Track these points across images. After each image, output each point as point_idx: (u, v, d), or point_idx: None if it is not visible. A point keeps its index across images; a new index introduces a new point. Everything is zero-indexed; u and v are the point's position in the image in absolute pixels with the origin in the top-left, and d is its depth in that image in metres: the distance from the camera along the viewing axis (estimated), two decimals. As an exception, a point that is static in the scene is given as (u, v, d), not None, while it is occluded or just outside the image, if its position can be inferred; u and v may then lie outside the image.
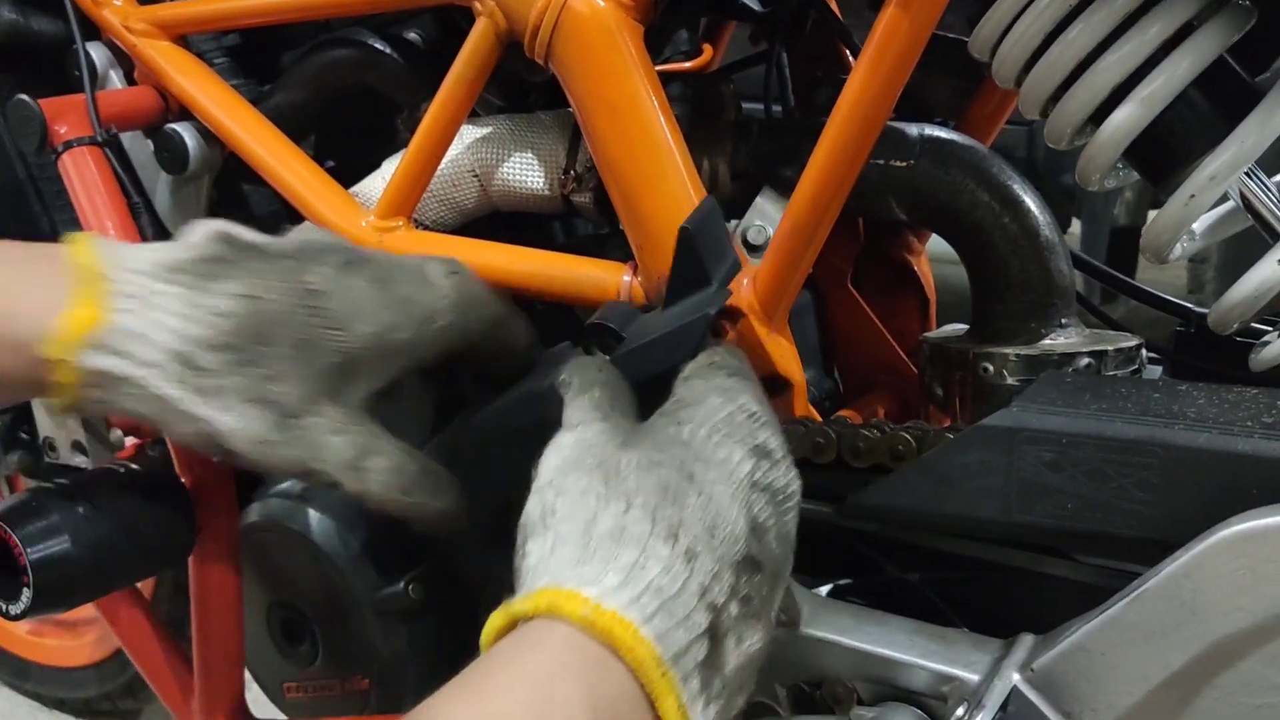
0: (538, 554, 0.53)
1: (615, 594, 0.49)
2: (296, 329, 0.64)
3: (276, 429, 0.63)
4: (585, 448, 0.56)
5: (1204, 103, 0.67)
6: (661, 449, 0.56)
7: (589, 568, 0.51)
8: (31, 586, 0.71)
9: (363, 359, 0.66)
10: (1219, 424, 0.58)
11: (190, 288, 0.63)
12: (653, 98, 0.78)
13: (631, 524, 0.52)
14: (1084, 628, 0.58)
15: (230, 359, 0.62)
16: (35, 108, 0.94)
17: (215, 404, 0.62)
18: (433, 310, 0.68)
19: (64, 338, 0.60)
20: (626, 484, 0.54)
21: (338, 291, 0.66)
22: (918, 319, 1.02)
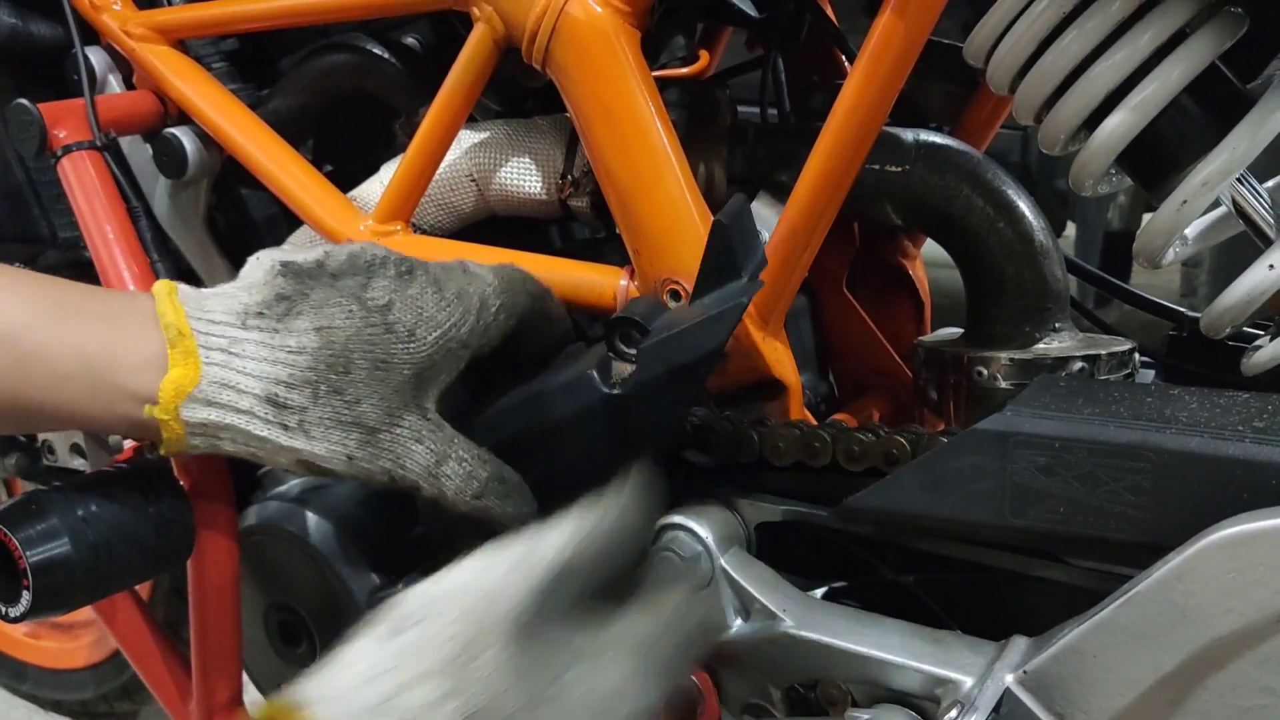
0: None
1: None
2: (370, 349, 0.67)
3: (362, 445, 0.67)
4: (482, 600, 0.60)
5: (1196, 109, 0.68)
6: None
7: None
8: (31, 589, 0.71)
9: (435, 362, 0.69)
10: (1210, 428, 0.58)
11: (267, 330, 0.66)
12: (649, 103, 0.78)
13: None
14: (1076, 630, 0.59)
15: (312, 392, 0.66)
16: (34, 112, 0.94)
17: (306, 436, 0.66)
18: (484, 298, 0.71)
19: (166, 400, 0.64)
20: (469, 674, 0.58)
21: (399, 302, 0.68)
22: (913, 323, 1.03)
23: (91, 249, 0.94)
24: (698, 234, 0.78)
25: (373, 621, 0.62)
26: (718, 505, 0.74)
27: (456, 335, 0.69)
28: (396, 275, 0.70)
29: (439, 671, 0.58)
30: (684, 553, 0.72)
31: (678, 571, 0.72)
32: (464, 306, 0.70)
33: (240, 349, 0.65)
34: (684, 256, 0.78)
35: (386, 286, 0.69)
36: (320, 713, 0.57)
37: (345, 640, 0.61)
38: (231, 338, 0.65)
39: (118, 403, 0.65)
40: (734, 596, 0.72)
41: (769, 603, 0.71)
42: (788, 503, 0.74)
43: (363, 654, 0.60)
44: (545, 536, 0.65)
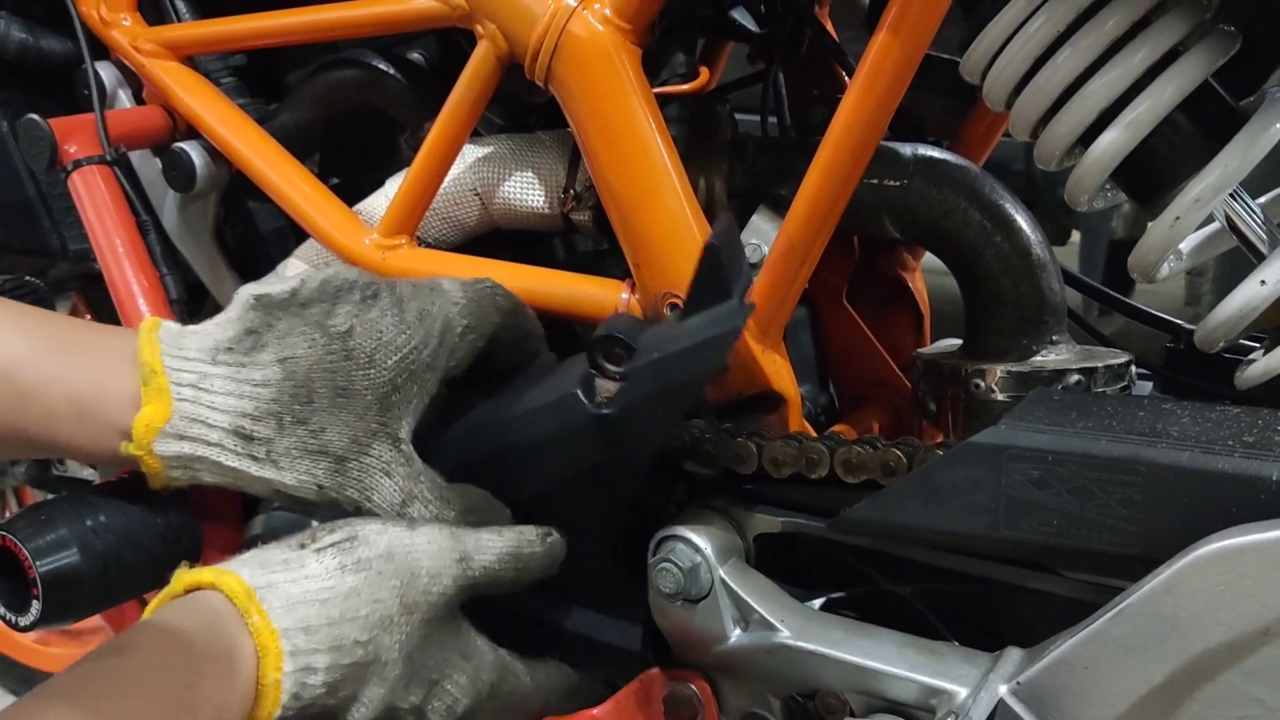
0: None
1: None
2: (332, 378, 0.69)
3: (331, 474, 0.69)
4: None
5: (1189, 126, 0.69)
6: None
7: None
8: (40, 599, 0.72)
9: (398, 387, 0.70)
10: (1201, 443, 0.59)
11: (234, 364, 0.69)
12: (650, 120, 0.79)
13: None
14: (1068, 642, 0.60)
15: (277, 423, 0.68)
16: (45, 127, 0.95)
17: (275, 466, 0.69)
18: (449, 319, 0.72)
19: (139, 436, 0.68)
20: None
21: (359, 327, 0.70)
22: (912, 334, 1.03)
23: (101, 262, 0.95)
24: (697, 248, 0.79)
25: (327, 538, 0.66)
26: (716, 516, 0.75)
27: (417, 359, 0.70)
28: (360, 300, 0.71)
29: (362, 623, 0.63)
30: (683, 563, 0.72)
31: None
32: (425, 329, 0.71)
33: (209, 384, 0.68)
34: (684, 270, 0.79)
35: (349, 312, 0.71)
36: (267, 601, 0.61)
37: (294, 539, 0.66)
38: (201, 373, 0.68)
39: (103, 438, 0.68)
40: (733, 607, 0.73)
41: (767, 613, 0.71)
42: (786, 514, 0.75)
43: (317, 574, 0.64)
44: (492, 541, 0.70)
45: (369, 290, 0.72)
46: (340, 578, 0.64)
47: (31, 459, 1.14)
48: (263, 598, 0.62)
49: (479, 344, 0.75)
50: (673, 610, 0.74)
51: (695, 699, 0.76)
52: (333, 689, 0.63)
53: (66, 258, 1.07)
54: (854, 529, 0.71)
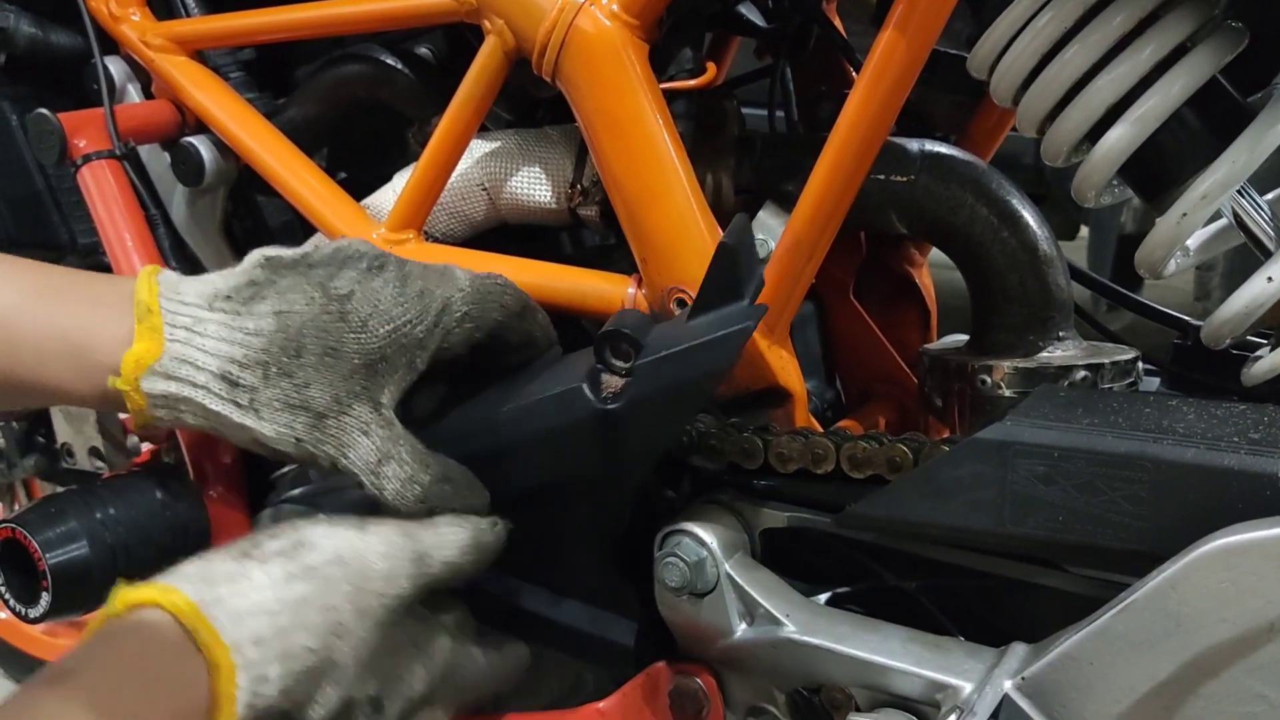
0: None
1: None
2: (324, 337, 0.69)
3: (309, 429, 0.69)
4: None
5: (1197, 122, 0.69)
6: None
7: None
8: (50, 591, 0.73)
9: (386, 357, 0.70)
10: (1207, 439, 0.59)
11: (231, 313, 0.70)
12: (657, 115, 0.79)
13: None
14: (1073, 638, 0.60)
15: (265, 373, 0.68)
16: (54, 121, 0.96)
17: (256, 415, 0.68)
18: (449, 301, 0.72)
19: (128, 371, 0.68)
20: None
21: (360, 293, 0.71)
22: (918, 330, 1.03)
23: (110, 256, 0.96)
24: (704, 244, 0.79)
25: (271, 544, 0.66)
26: (722, 511, 0.75)
27: (410, 332, 0.71)
28: (367, 268, 0.72)
29: (313, 630, 0.63)
30: (689, 558, 0.72)
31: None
32: (422, 306, 0.71)
33: (202, 328, 0.69)
34: (691, 266, 0.79)
35: (353, 277, 0.71)
36: (215, 617, 0.60)
37: (236, 548, 0.66)
38: (196, 317, 0.69)
39: (93, 377, 0.68)
40: (738, 601, 0.73)
41: (772, 608, 0.72)
42: (792, 509, 0.75)
43: (263, 585, 0.63)
44: (454, 534, 0.70)
45: (377, 261, 0.73)
46: (288, 587, 0.64)
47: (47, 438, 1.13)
48: (209, 614, 0.61)
49: (477, 335, 0.74)
50: (678, 604, 0.74)
51: (701, 693, 0.76)
52: (287, 694, 0.62)
53: (75, 251, 1.07)
54: (859, 524, 0.71)
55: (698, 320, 0.70)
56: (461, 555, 0.70)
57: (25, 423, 1.22)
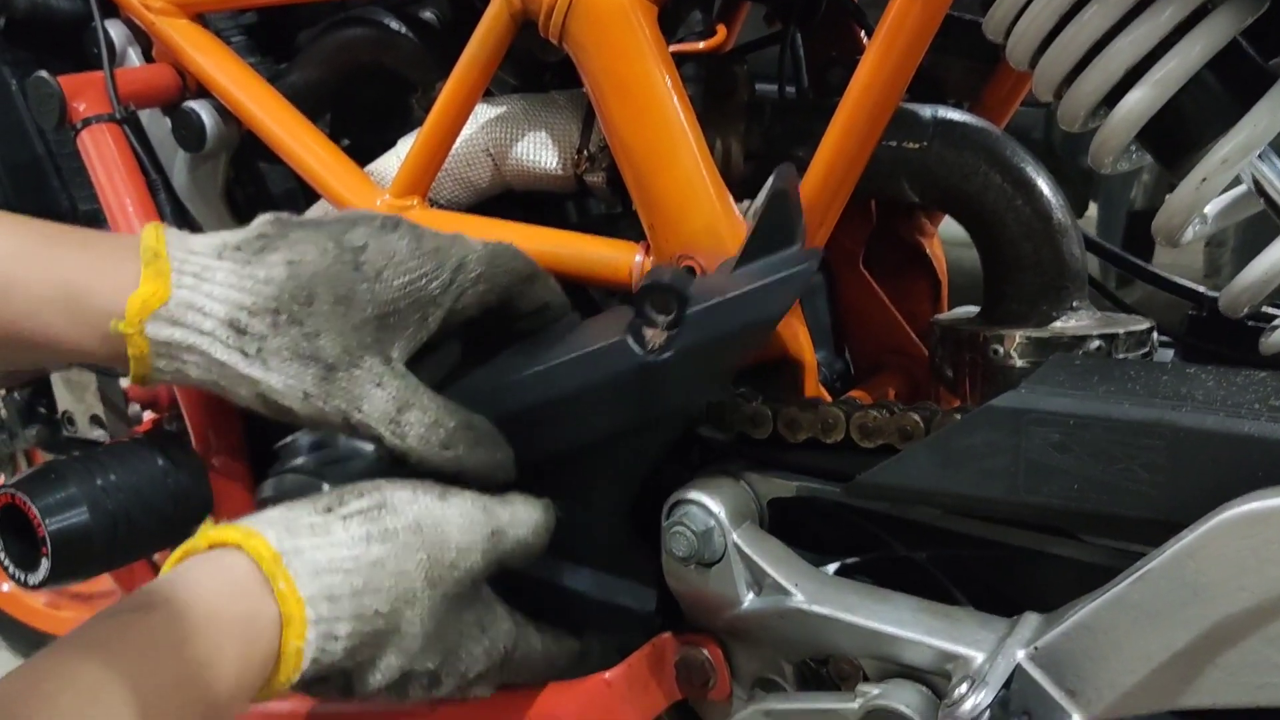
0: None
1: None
2: (335, 285, 0.68)
3: (319, 382, 0.67)
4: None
5: (1217, 86, 0.67)
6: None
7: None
8: (50, 557, 0.72)
9: (399, 310, 0.69)
10: (1226, 406, 0.58)
11: (241, 262, 0.68)
12: (666, 78, 0.78)
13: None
14: (1088, 607, 0.59)
15: (273, 321, 0.67)
16: (54, 85, 0.94)
17: (264, 365, 0.67)
18: (464, 260, 0.71)
19: (132, 313, 0.66)
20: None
21: (375, 245, 0.69)
22: (929, 301, 1.02)
23: (110, 221, 0.95)
24: (713, 209, 0.78)
25: (355, 503, 0.65)
26: (730, 480, 0.75)
27: (425, 287, 0.69)
28: (380, 226, 0.71)
29: (385, 595, 0.63)
30: (696, 527, 0.72)
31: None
32: (438, 261, 0.70)
33: (211, 275, 0.67)
34: (700, 232, 0.78)
35: (367, 232, 0.70)
36: (294, 568, 0.61)
37: (320, 501, 0.66)
38: (205, 265, 0.67)
39: (94, 324, 0.66)
40: (746, 571, 0.72)
41: (781, 578, 0.71)
42: (801, 478, 0.74)
43: (343, 542, 0.63)
44: (529, 514, 0.70)
45: (390, 220, 0.72)
46: (366, 547, 0.63)
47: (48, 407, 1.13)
48: (288, 563, 0.61)
49: (490, 297, 0.73)
50: (686, 574, 0.73)
51: (708, 664, 0.76)
52: (351, 654, 0.63)
53: (76, 218, 1.06)
54: (870, 493, 0.70)
55: (747, 268, 0.68)
56: (535, 535, 0.70)
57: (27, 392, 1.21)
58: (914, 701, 0.65)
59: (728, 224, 0.79)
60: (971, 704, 0.59)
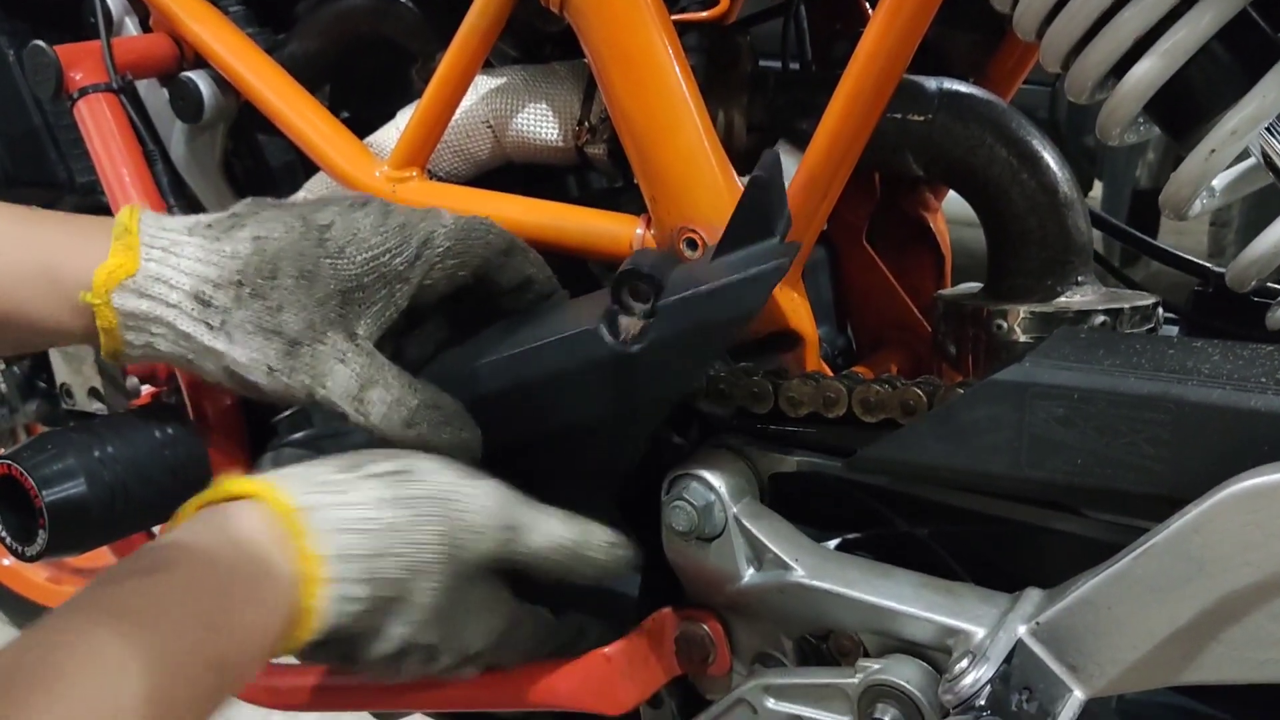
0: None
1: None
2: (299, 260, 0.68)
3: (282, 357, 0.68)
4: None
5: (1227, 56, 0.66)
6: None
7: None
8: (47, 528, 0.72)
9: (364, 285, 0.69)
10: (1232, 380, 0.57)
11: (211, 238, 0.69)
12: (668, 48, 0.77)
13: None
14: (1091, 582, 0.58)
15: (238, 294, 0.67)
16: (51, 54, 0.94)
17: (228, 338, 0.67)
18: (430, 234, 0.71)
19: (99, 284, 0.67)
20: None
21: (340, 223, 0.70)
22: (932, 276, 1.01)
23: (108, 191, 0.94)
24: (716, 182, 0.77)
25: (382, 464, 0.66)
26: (731, 455, 0.74)
27: (389, 263, 0.70)
28: (350, 205, 0.72)
29: (398, 561, 0.63)
30: (697, 502, 0.71)
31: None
32: (403, 237, 0.70)
33: (180, 249, 0.68)
34: (702, 204, 0.77)
35: (335, 211, 0.71)
36: (313, 524, 0.61)
37: (344, 459, 0.66)
38: (175, 240, 0.68)
39: (65, 299, 0.67)
40: (746, 546, 0.72)
41: (781, 553, 0.70)
42: (802, 453, 0.73)
43: (362, 502, 0.63)
44: (551, 526, 0.69)
45: (360, 199, 0.73)
46: (385, 511, 0.63)
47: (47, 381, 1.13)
48: (308, 518, 0.61)
49: (462, 273, 0.73)
50: (685, 549, 0.73)
51: (707, 639, 0.76)
52: (359, 620, 0.63)
53: (74, 190, 1.06)
54: (871, 468, 0.69)
55: (725, 259, 0.67)
56: (553, 553, 0.69)
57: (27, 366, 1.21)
58: (914, 677, 0.65)
59: (730, 197, 0.78)
60: (972, 679, 0.59)
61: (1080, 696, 0.59)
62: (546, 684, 0.76)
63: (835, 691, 0.68)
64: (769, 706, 0.72)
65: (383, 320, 0.70)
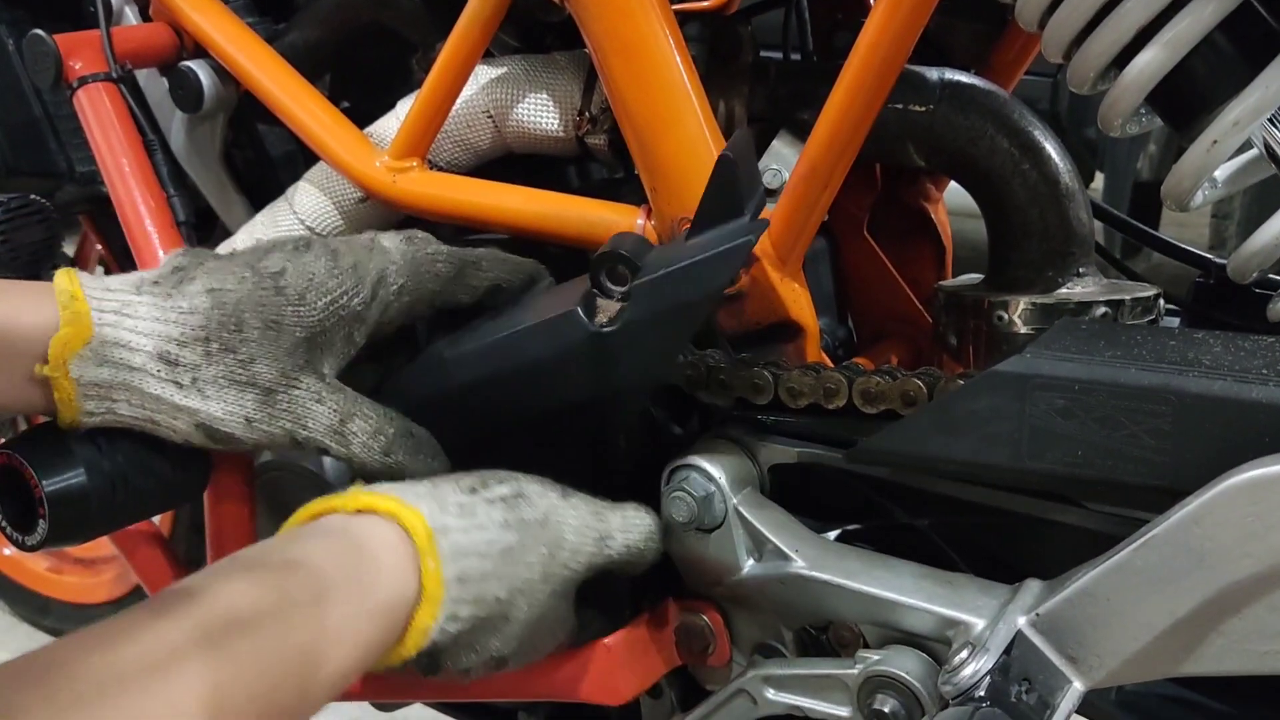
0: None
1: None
2: (262, 311, 0.68)
3: (260, 407, 0.68)
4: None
5: (1229, 47, 0.66)
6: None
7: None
8: (47, 518, 0.71)
9: (326, 329, 0.69)
10: (1233, 372, 0.57)
11: (160, 295, 0.67)
12: (669, 38, 0.77)
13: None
14: (1091, 573, 0.58)
15: (205, 350, 0.67)
16: (50, 43, 0.93)
17: (201, 395, 0.67)
18: (383, 273, 0.71)
19: (54, 355, 0.64)
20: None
21: (292, 269, 0.70)
22: (933, 268, 1.01)
23: (108, 181, 0.94)
24: (716, 172, 0.77)
25: (499, 488, 0.66)
26: (731, 446, 0.74)
27: (348, 304, 0.70)
28: (293, 249, 0.71)
29: (506, 582, 0.63)
30: (696, 492, 0.71)
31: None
32: (357, 277, 0.70)
33: (133, 310, 0.66)
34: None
35: (282, 256, 0.70)
36: (441, 550, 0.61)
37: (465, 481, 0.66)
38: (125, 301, 0.66)
39: (16, 369, 0.65)
40: (746, 537, 0.72)
41: (781, 543, 0.70)
42: (802, 444, 0.73)
43: (484, 526, 0.63)
44: (639, 520, 0.70)
45: (301, 242, 0.72)
46: (502, 533, 0.64)
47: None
48: (438, 541, 0.61)
49: (417, 306, 0.73)
50: (685, 539, 0.73)
51: (707, 630, 0.76)
52: (460, 638, 0.63)
53: (74, 179, 1.06)
54: (872, 459, 0.69)
55: (697, 239, 0.68)
56: (647, 541, 0.70)
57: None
58: (914, 668, 0.65)
59: (730, 187, 0.78)
60: (971, 670, 0.59)
61: (1079, 687, 0.59)
62: (547, 674, 0.76)
63: (835, 682, 0.68)
64: (768, 697, 0.72)
65: (344, 359, 0.71)
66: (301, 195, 0.95)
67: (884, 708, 0.65)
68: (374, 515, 0.62)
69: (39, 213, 0.98)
